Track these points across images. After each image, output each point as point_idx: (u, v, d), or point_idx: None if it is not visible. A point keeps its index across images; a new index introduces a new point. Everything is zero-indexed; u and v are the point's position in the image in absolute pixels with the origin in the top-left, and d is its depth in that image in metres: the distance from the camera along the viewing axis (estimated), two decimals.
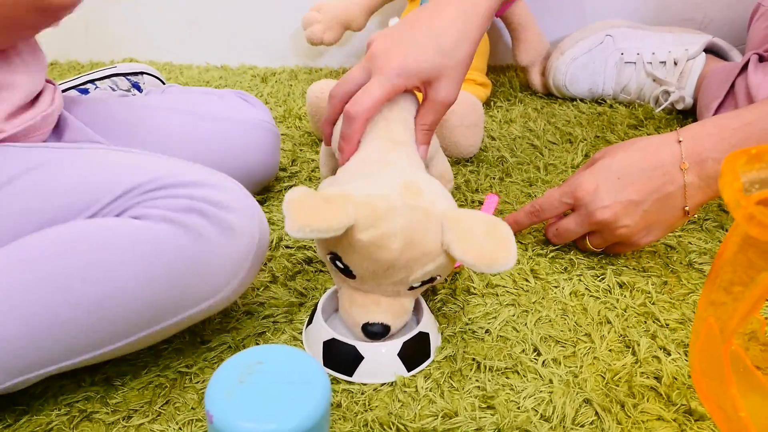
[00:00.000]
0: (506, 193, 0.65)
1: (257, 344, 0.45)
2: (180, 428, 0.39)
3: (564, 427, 0.39)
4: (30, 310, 0.35)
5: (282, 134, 0.78)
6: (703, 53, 0.84)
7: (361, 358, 0.42)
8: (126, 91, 0.76)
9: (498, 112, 0.85)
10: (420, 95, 0.50)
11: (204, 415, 0.39)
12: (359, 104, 0.46)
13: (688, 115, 0.84)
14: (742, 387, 0.29)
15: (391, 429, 0.39)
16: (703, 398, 0.33)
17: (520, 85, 0.94)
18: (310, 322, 0.46)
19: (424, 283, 0.41)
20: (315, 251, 0.55)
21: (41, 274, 0.35)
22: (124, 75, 0.77)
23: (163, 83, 0.81)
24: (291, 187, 0.67)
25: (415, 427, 0.39)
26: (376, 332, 0.41)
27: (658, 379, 0.42)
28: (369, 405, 0.40)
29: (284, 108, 0.86)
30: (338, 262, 0.41)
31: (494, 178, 0.68)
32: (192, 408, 0.40)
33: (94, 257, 0.36)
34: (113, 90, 0.74)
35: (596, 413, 0.40)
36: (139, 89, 0.78)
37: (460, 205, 0.63)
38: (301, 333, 0.46)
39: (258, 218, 0.42)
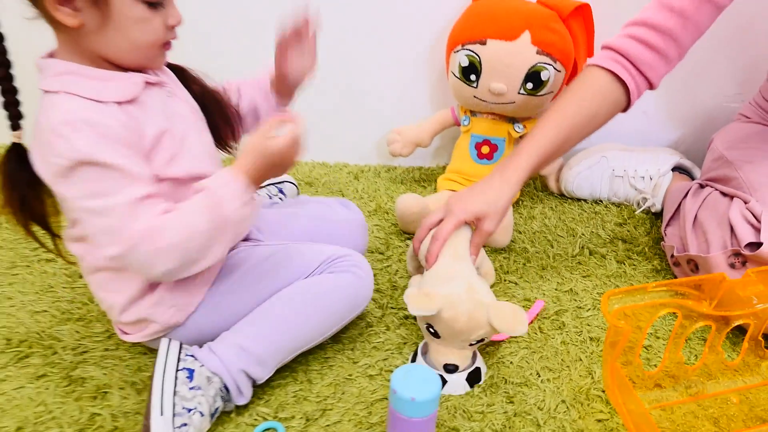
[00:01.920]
0: (526, 275, 1.01)
1: (384, 365, 0.82)
2: (351, 407, 0.76)
3: (550, 413, 0.75)
4: (293, 322, 0.74)
5: (375, 225, 1.16)
6: (671, 171, 1.20)
7: (446, 381, 0.78)
8: (275, 195, 1.16)
9: (524, 210, 1.22)
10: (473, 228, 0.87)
11: (362, 400, 0.77)
12: (440, 233, 0.83)
13: (658, 216, 1.19)
14: (624, 394, 0.64)
15: (459, 410, 0.75)
16: (611, 399, 0.68)
17: (541, 185, 1.31)
18: (413, 360, 0.83)
19: (477, 342, 0.78)
20: (413, 320, 0.92)
21: (295, 306, 0.75)
22: (273, 184, 1.17)
23: (296, 186, 1.21)
24: (389, 266, 1.04)
25: (473, 410, 0.75)
26: (451, 369, 0.78)
27: (603, 392, 0.78)
28: (447, 403, 0.77)
29: (375, 204, 1.25)
30: (431, 329, 0.78)
31: (519, 264, 1.04)
32: (356, 396, 0.77)
33: (317, 294, 0.76)
34: (269, 197, 1.14)
35: (567, 407, 0.76)
36: (283, 193, 1.17)
37: (497, 282, 1.00)
38: (407, 360, 0.83)
39: (369, 269, 0.83)
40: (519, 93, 1.12)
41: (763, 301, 0.68)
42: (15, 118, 0.69)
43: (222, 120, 0.82)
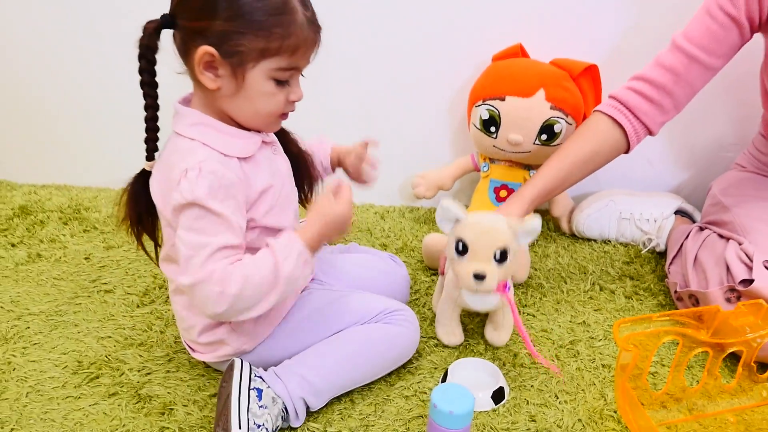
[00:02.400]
0: (543, 309, 1.11)
1: (418, 387, 0.92)
2: (391, 423, 0.86)
3: (568, 430, 0.84)
4: (350, 362, 0.84)
5: (403, 261, 1.27)
6: (674, 215, 1.31)
7: (474, 397, 0.88)
8: None
9: (539, 249, 1.32)
10: None
11: (400, 417, 0.86)
12: None
13: (662, 255, 1.30)
14: (639, 414, 0.73)
15: (487, 427, 0.85)
16: (622, 415, 0.78)
17: (554, 227, 1.42)
18: (443, 380, 0.93)
19: (501, 255, 0.89)
20: (442, 348, 1.02)
21: (352, 348, 0.85)
22: None
23: None
24: (417, 299, 1.15)
25: (499, 427, 0.85)
26: (480, 277, 0.88)
27: (615, 412, 0.87)
28: (476, 420, 0.87)
29: (401, 242, 1.36)
30: (460, 244, 0.90)
31: (536, 298, 1.14)
32: (395, 414, 0.87)
33: (372, 340, 0.86)
34: None
35: (583, 425, 0.85)
36: None
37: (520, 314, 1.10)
38: (438, 383, 0.93)
39: (417, 323, 0.93)
40: (534, 143, 1.24)
41: (754, 330, 0.78)
42: (152, 151, 0.82)
43: (307, 179, 0.94)
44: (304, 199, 0.96)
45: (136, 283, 1.20)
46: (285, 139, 0.92)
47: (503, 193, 1.31)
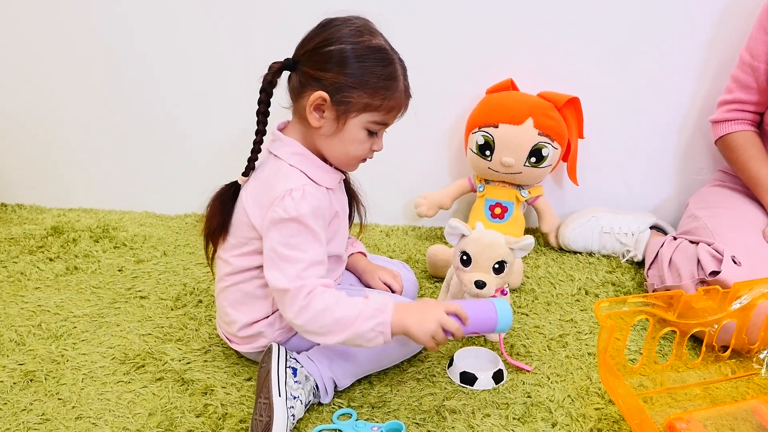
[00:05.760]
0: (535, 309, 1.25)
1: (428, 372, 1.05)
2: (405, 399, 0.98)
3: (559, 404, 0.97)
4: (373, 348, 0.96)
5: None
6: (649, 229, 1.46)
7: (476, 378, 1.01)
8: None
9: (531, 260, 1.47)
10: None
11: (413, 395, 0.99)
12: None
13: (640, 265, 1.44)
14: (618, 383, 0.87)
15: (489, 402, 0.97)
16: (604, 383, 0.91)
17: (543, 242, 1.57)
18: (450, 365, 1.05)
19: (499, 265, 1.03)
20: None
21: None
22: None
23: None
24: None
25: (498, 403, 0.97)
26: (480, 284, 1.03)
27: (599, 389, 1.00)
28: (480, 396, 0.99)
29: (406, 255, 1.50)
30: (464, 256, 1.04)
31: (529, 300, 1.28)
32: (408, 392, 0.99)
33: None
34: None
35: (572, 400, 0.98)
36: None
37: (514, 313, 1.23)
38: (444, 368, 1.06)
39: None
40: (524, 165, 1.40)
41: (712, 314, 0.92)
42: (249, 170, 0.95)
43: (351, 215, 1.09)
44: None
45: (167, 290, 1.32)
46: (345, 179, 1.05)
47: (497, 210, 1.46)
